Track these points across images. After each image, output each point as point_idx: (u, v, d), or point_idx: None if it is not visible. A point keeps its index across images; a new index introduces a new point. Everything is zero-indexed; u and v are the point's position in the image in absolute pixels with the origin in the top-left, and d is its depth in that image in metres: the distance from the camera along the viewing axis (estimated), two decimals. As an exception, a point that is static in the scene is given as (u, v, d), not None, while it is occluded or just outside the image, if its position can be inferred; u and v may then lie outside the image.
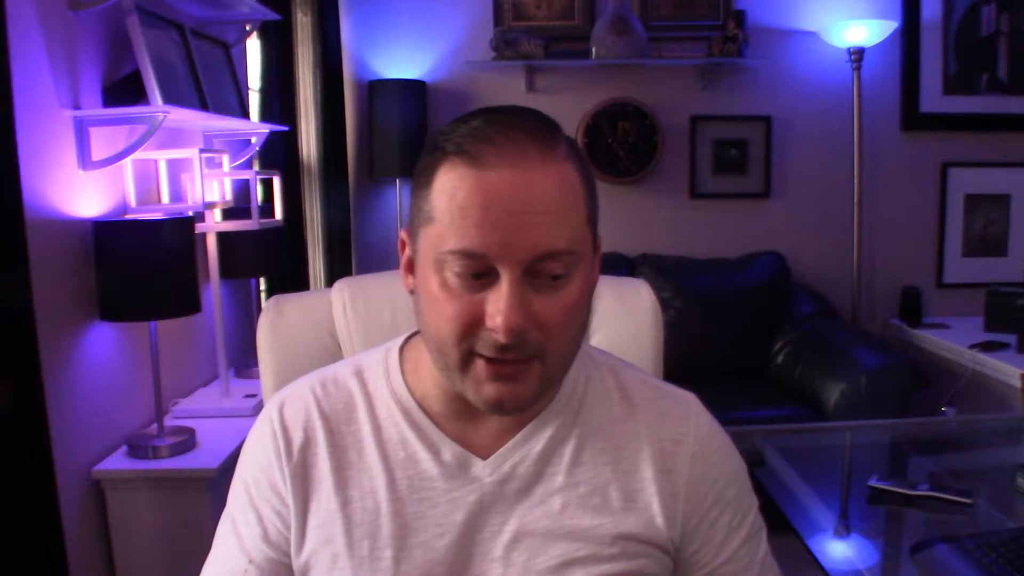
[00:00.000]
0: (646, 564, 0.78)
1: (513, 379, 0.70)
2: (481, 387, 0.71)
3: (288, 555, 0.79)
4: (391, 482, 0.78)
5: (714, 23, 3.34)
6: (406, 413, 0.79)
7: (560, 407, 0.80)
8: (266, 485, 0.80)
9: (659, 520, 0.78)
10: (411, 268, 0.76)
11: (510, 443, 0.78)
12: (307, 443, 0.79)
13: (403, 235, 0.78)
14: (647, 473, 0.79)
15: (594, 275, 0.76)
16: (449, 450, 0.78)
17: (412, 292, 0.76)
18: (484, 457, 0.78)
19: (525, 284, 0.68)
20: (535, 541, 0.76)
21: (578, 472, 0.78)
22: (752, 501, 0.85)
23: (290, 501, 0.78)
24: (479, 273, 0.68)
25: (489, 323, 0.68)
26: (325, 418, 0.80)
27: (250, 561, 0.79)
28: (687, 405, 0.84)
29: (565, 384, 0.80)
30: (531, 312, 0.68)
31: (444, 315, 0.69)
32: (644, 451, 0.80)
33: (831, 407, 2.65)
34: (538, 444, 0.78)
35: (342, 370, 0.84)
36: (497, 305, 0.67)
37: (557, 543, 0.76)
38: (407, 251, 0.77)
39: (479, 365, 0.70)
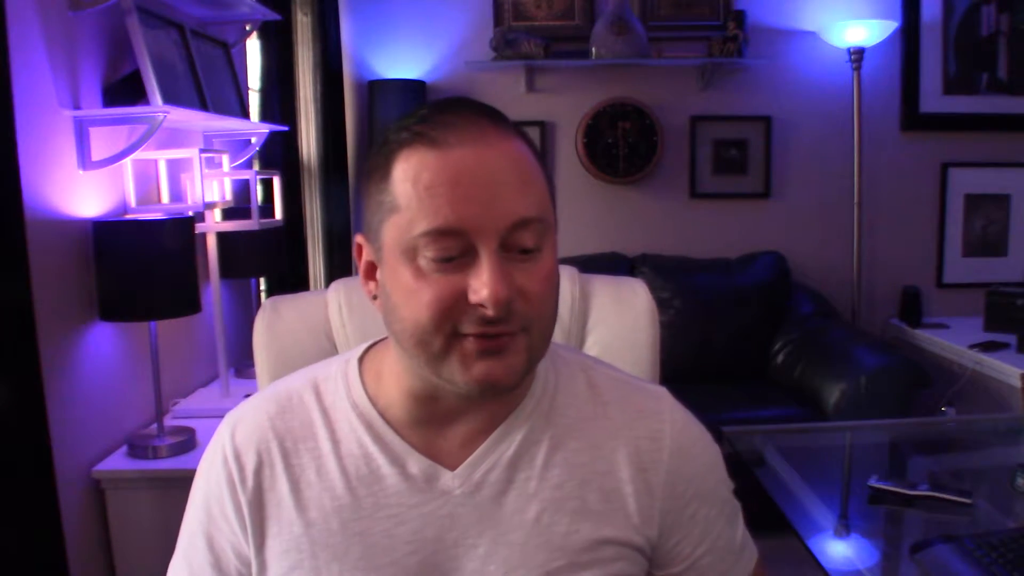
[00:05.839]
0: (623, 567, 0.76)
1: (501, 353, 0.67)
2: (470, 366, 0.67)
3: None
4: (355, 500, 0.74)
5: (714, 23, 3.34)
6: (368, 426, 0.75)
7: (530, 409, 0.77)
8: (218, 514, 0.77)
9: (635, 520, 0.77)
10: (371, 274, 0.73)
11: (479, 450, 0.75)
12: (261, 467, 0.76)
13: (359, 239, 0.74)
14: (624, 473, 0.77)
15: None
16: (416, 463, 0.74)
17: (375, 298, 0.73)
18: (453, 467, 0.75)
19: (503, 258, 0.67)
20: (511, 553, 0.74)
21: (551, 475, 0.76)
22: (728, 486, 0.84)
23: (248, 529, 0.75)
24: (453, 256, 0.66)
25: (474, 297, 0.65)
26: (280, 438, 0.76)
27: None
28: (659, 399, 0.82)
29: (535, 384, 0.78)
30: (514, 283, 0.66)
31: (422, 302, 0.66)
32: (620, 450, 0.78)
33: (831, 407, 2.65)
34: (509, 449, 0.75)
35: (296, 384, 0.80)
36: (481, 279, 0.65)
37: (534, 554, 0.74)
38: (365, 255, 0.74)
39: (467, 343, 0.67)
